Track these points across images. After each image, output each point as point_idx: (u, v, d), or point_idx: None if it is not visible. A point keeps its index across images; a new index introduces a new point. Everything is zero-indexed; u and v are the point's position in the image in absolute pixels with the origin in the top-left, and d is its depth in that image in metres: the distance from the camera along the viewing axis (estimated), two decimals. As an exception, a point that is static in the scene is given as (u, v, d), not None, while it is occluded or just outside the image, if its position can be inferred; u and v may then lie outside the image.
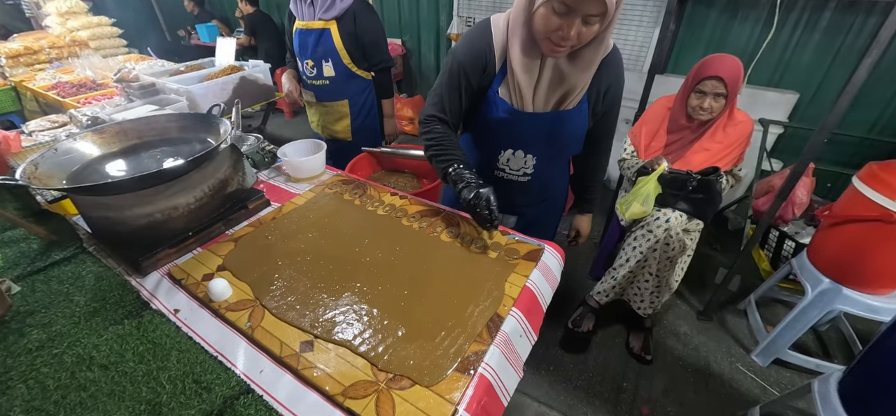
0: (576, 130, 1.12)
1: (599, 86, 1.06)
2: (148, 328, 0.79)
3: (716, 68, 1.51)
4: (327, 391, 0.68)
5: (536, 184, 1.22)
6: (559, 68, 0.99)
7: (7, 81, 3.16)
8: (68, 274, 0.94)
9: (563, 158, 1.26)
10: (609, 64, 1.04)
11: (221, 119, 1.08)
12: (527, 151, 1.15)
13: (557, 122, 1.08)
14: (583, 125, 1.12)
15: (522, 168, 1.18)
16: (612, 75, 1.06)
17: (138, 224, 0.93)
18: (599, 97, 1.08)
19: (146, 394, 0.68)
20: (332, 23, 1.67)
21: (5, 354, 0.76)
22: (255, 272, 0.92)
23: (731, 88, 1.50)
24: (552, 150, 1.16)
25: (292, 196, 1.22)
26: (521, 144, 1.14)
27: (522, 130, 1.10)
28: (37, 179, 0.89)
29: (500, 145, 1.16)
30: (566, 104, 1.05)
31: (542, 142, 1.13)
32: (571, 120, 1.08)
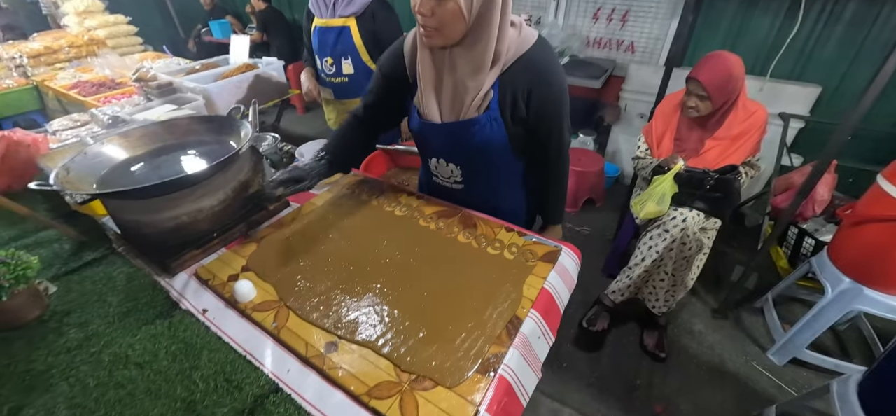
0: (490, 139, 1.00)
1: (516, 88, 0.94)
2: (179, 328, 0.82)
3: (697, 71, 1.54)
4: (353, 391, 0.70)
5: (474, 195, 1.16)
6: (452, 67, 0.93)
7: (29, 81, 3.24)
8: (100, 275, 0.97)
9: (494, 169, 1.12)
10: (527, 63, 0.93)
11: (242, 121, 1.10)
12: (448, 160, 1.12)
13: (463, 131, 1.00)
14: (497, 134, 1.00)
15: (452, 176, 1.15)
16: (532, 75, 0.94)
17: (166, 227, 0.96)
18: (516, 101, 0.96)
19: (181, 392, 0.71)
20: (351, 20, 1.69)
21: (46, 352, 0.79)
22: (278, 273, 0.94)
23: (711, 93, 1.51)
24: (474, 160, 1.09)
25: (311, 197, 1.25)
26: (442, 153, 1.12)
27: (433, 138, 1.09)
28: (69, 183, 0.92)
29: (426, 153, 1.18)
30: (467, 112, 0.97)
31: (459, 152, 1.08)
32: (479, 129, 0.98)
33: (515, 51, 0.92)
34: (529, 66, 0.93)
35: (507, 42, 0.91)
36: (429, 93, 0.99)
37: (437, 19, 0.84)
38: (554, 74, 0.96)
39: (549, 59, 0.95)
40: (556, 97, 0.98)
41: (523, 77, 0.94)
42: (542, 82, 0.95)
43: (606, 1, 2.76)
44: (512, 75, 0.94)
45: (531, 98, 0.96)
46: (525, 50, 0.92)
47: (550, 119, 1.01)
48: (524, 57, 0.93)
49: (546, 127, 1.02)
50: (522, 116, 0.99)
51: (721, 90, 1.51)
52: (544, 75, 0.94)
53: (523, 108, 0.97)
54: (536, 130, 1.02)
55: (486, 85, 0.93)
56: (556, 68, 0.96)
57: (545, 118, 1.00)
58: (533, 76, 0.94)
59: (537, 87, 0.95)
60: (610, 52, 3.01)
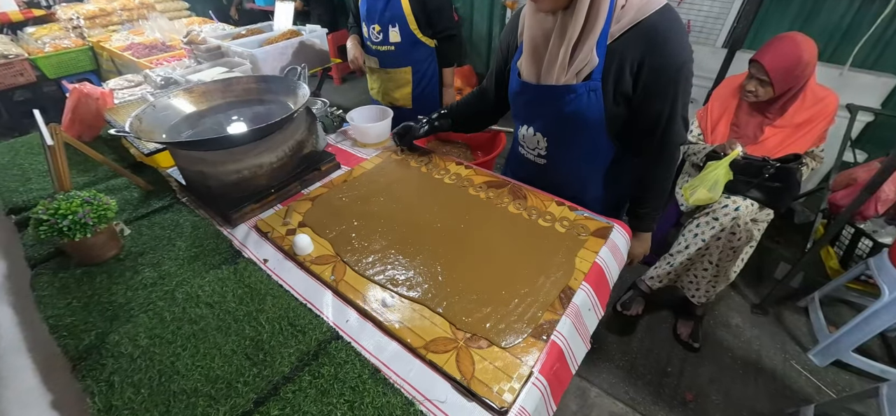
0: (584, 112, 0.93)
1: (625, 59, 0.86)
2: (243, 274, 0.87)
3: (761, 53, 1.46)
4: (409, 343, 0.73)
5: (556, 173, 1.11)
6: (561, 32, 0.87)
7: (85, 42, 3.39)
8: (168, 221, 1.03)
9: (581, 149, 1.04)
10: (644, 32, 0.83)
11: (300, 83, 1.13)
12: (537, 129, 1.07)
13: (556, 97, 0.94)
14: (593, 107, 0.92)
15: (536, 148, 1.11)
16: (646, 48, 0.84)
17: (229, 180, 1.00)
18: (624, 74, 0.87)
19: (249, 332, 0.75)
20: None
21: (125, 287, 0.85)
22: (333, 231, 0.97)
23: (774, 79, 1.43)
24: (561, 132, 1.03)
25: (360, 160, 1.27)
26: (531, 120, 1.08)
27: (527, 102, 1.05)
28: (142, 132, 0.97)
29: (517, 119, 1.16)
30: (565, 78, 0.91)
31: (549, 121, 1.04)
32: (574, 98, 0.92)
33: (633, 15, 0.83)
34: (645, 33, 0.83)
35: (622, 7, 0.84)
36: (530, 54, 0.97)
37: None
38: (673, 46, 0.84)
39: (671, 28, 0.83)
40: (671, 73, 0.86)
41: (636, 46, 0.84)
42: (657, 53, 0.84)
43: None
44: (623, 43, 0.85)
45: (642, 70, 0.86)
46: (645, 16, 0.82)
47: (660, 98, 0.88)
48: (642, 23, 0.83)
49: (654, 108, 0.90)
50: (627, 93, 0.90)
51: (786, 76, 1.42)
52: (660, 45, 0.83)
53: (630, 83, 0.88)
54: (641, 111, 0.91)
55: (585, 48, 0.86)
56: (677, 40, 0.84)
57: (654, 96, 0.88)
58: (647, 45, 0.83)
59: (650, 57, 0.84)
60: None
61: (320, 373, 0.68)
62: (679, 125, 0.94)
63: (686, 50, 0.87)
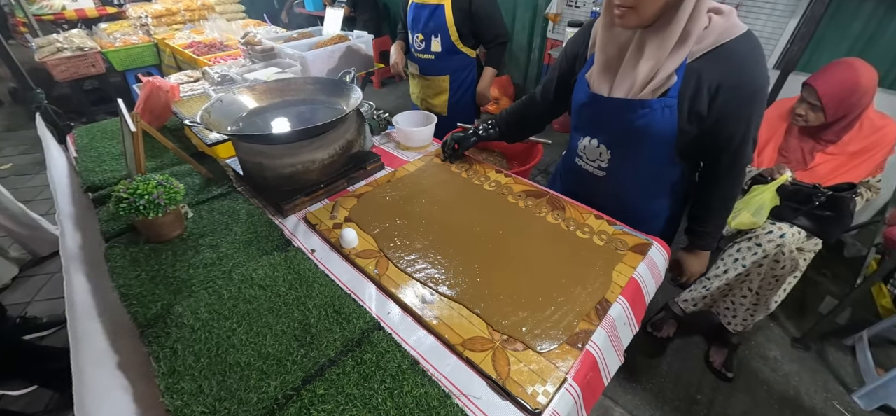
0: (656, 128, 0.94)
1: (702, 80, 0.87)
2: (293, 262, 0.93)
3: (815, 77, 1.41)
4: (447, 339, 0.76)
5: (615, 185, 1.10)
6: (640, 47, 0.89)
7: (151, 38, 3.66)
8: (225, 208, 1.11)
9: (646, 163, 1.04)
10: (724, 56, 0.84)
11: (353, 86, 1.19)
12: (601, 141, 1.07)
13: (629, 111, 0.95)
14: (666, 124, 0.93)
15: (597, 160, 1.10)
16: (725, 70, 0.85)
17: (284, 172, 1.07)
18: (701, 94, 0.88)
19: (297, 315, 0.80)
20: (447, 0, 1.73)
21: (187, 265, 0.93)
22: (377, 227, 1.02)
23: (826, 105, 1.38)
24: (628, 146, 1.03)
25: (403, 163, 1.32)
26: (595, 132, 1.08)
27: (595, 113, 1.05)
28: (211, 123, 1.06)
29: (579, 130, 1.14)
30: (640, 93, 0.92)
31: (616, 133, 1.03)
32: (648, 113, 0.92)
33: (715, 39, 0.84)
34: (726, 57, 0.84)
35: (703, 26, 0.84)
36: (603, 67, 0.98)
37: None
38: (752, 74, 0.86)
39: (751, 56, 0.85)
40: (746, 99, 0.88)
41: (715, 69, 0.85)
42: (735, 78, 0.85)
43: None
44: (703, 64, 0.86)
45: (719, 92, 0.87)
46: (726, 40, 0.84)
47: (734, 121, 0.90)
48: (723, 48, 0.84)
49: (727, 130, 0.91)
50: (701, 114, 0.90)
51: (840, 104, 1.37)
52: (739, 71, 0.85)
53: (706, 103, 0.89)
54: (716, 131, 0.92)
55: (667, 68, 0.87)
56: (756, 68, 0.86)
57: (728, 119, 0.90)
58: (726, 69, 0.85)
59: (728, 81, 0.85)
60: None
61: (363, 359, 0.72)
62: (750, 147, 0.95)
63: (764, 75, 0.88)
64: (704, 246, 1.12)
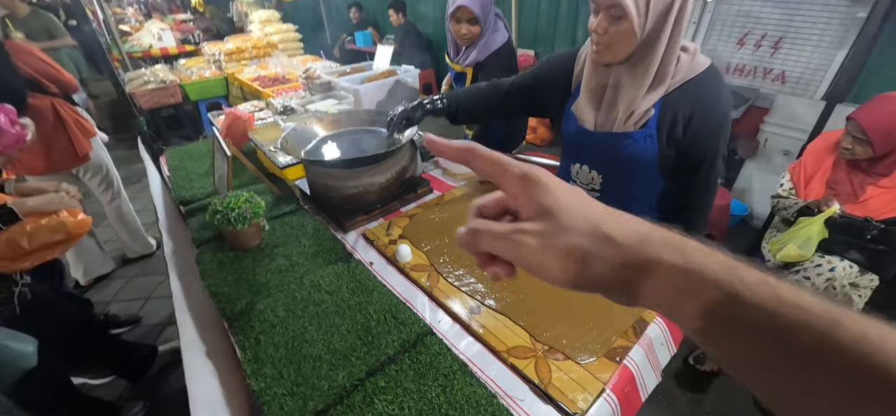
0: (640, 155, 1.04)
1: (677, 111, 0.97)
2: (355, 272, 1.05)
3: (860, 111, 1.41)
4: (493, 346, 0.84)
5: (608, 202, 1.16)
6: (618, 84, 1.00)
7: (222, 73, 4.09)
8: (295, 223, 1.26)
9: (634, 182, 1.13)
10: (694, 87, 0.96)
11: (410, 119, 1.33)
12: (592, 167, 1.17)
13: (615, 143, 1.05)
14: (648, 151, 1.03)
15: (590, 184, 1.20)
16: (696, 101, 0.96)
17: (346, 193, 1.21)
18: (677, 123, 0.98)
19: (360, 318, 0.91)
20: (468, 69, 1.84)
21: (265, 270, 1.07)
22: (428, 244, 1.13)
23: (873, 138, 1.37)
24: (617, 171, 1.13)
25: (450, 188, 1.43)
26: (585, 159, 1.18)
27: (584, 144, 1.14)
28: (288, 149, 1.22)
29: (571, 157, 1.23)
30: (622, 126, 1.02)
31: (604, 161, 1.13)
32: (631, 143, 1.03)
33: (684, 75, 0.96)
34: (695, 91, 0.96)
35: (676, 65, 0.96)
36: (588, 101, 1.08)
37: (609, 37, 0.93)
38: (718, 103, 0.97)
39: (716, 87, 0.97)
40: (714, 126, 0.99)
41: (687, 101, 0.96)
42: (705, 109, 0.96)
43: (756, 26, 2.56)
44: (676, 98, 0.97)
45: (691, 120, 0.97)
46: (694, 75, 0.95)
47: (705, 143, 1.01)
48: (692, 81, 0.96)
49: (699, 153, 1.02)
50: (678, 138, 1.01)
51: (887, 137, 1.35)
52: (708, 102, 0.96)
53: (681, 130, 0.99)
54: (690, 153, 1.03)
55: (645, 104, 0.98)
56: (721, 98, 0.98)
57: (699, 144, 1.00)
58: (696, 101, 0.96)
59: (699, 112, 0.96)
60: (753, 80, 2.77)
61: (418, 359, 0.81)
62: (720, 163, 1.05)
63: (728, 102, 1.00)
64: None
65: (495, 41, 1.69)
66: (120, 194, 2.53)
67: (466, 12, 1.61)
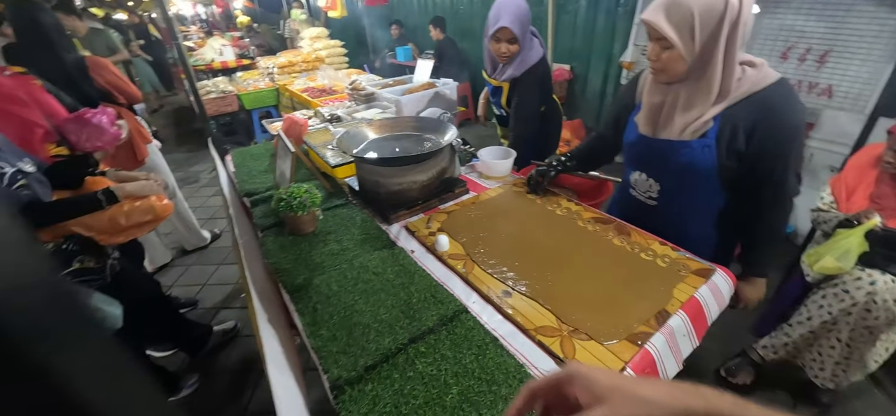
0: (697, 164, 1.07)
1: (739, 122, 1.01)
2: (398, 257, 1.16)
3: None
4: (522, 324, 0.92)
5: (665, 213, 1.24)
6: (677, 95, 1.07)
7: (274, 84, 4.42)
8: (344, 214, 1.40)
9: (692, 193, 1.17)
10: (758, 102, 0.99)
11: (450, 124, 1.45)
12: (649, 175, 1.22)
13: (671, 150, 1.11)
14: (706, 160, 1.06)
15: (647, 191, 1.25)
16: (760, 114, 0.99)
17: (393, 189, 1.34)
18: (738, 135, 1.01)
19: (403, 296, 1.02)
20: (505, 84, 1.93)
21: (319, 252, 1.21)
22: (464, 237, 1.23)
23: None
24: (674, 180, 1.17)
25: (484, 189, 1.53)
26: (644, 167, 1.24)
27: (643, 151, 1.21)
28: (343, 147, 1.37)
29: (630, 165, 1.30)
30: (680, 134, 1.08)
31: (662, 168, 1.18)
32: (689, 152, 1.07)
33: (748, 88, 1.00)
34: (760, 104, 0.99)
35: (738, 80, 1.01)
36: (649, 111, 1.16)
37: (661, 63, 1.03)
38: (785, 114, 0.99)
39: (784, 99, 0.99)
40: (783, 137, 1.00)
41: (750, 113, 1.00)
42: (769, 120, 0.99)
43: (800, 39, 2.51)
44: (738, 110, 1.01)
45: (754, 133, 1.01)
46: (760, 88, 0.99)
47: (772, 158, 1.03)
48: (757, 95, 0.99)
49: (767, 165, 1.04)
50: (739, 150, 1.03)
51: None
52: (773, 113, 0.99)
53: (743, 142, 1.02)
54: (756, 166, 1.05)
55: (704, 116, 1.03)
56: (790, 109, 1.00)
57: (766, 156, 1.02)
58: (761, 113, 0.99)
59: (763, 123, 0.99)
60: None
61: (454, 332, 0.91)
62: (792, 179, 1.06)
63: (799, 116, 1.02)
64: (757, 273, 1.21)
65: (531, 58, 1.79)
66: (175, 194, 2.78)
67: (507, 33, 1.70)
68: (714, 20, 0.94)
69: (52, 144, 1.45)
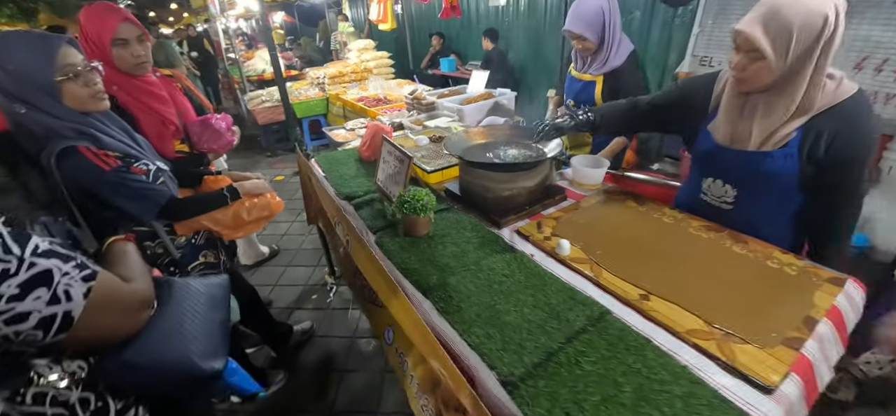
0: (779, 172, 1.12)
1: (820, 131, 1.05)
2: (522, 261, 1.20)
3: None
4: (671, 327, 0.94)
5: (742, 216, 1.26)
6: (757, 106, 1.10)
7: (324, 94, 4.56)
8: (451, 219, 1.44)
9: (771, 197, 1.21)
10: (839, 112, 1.03)
11: (553, 132, 1.49)
12: (725, 181, 1.26)
13: (753, 160, 1.14)
14: (789, 168, 1.10)
15: (722, 196, 1.28)
16: (841, 124, 1.03)
17: (503, 195, 1.38)
18: (819, 144, 1.06)
19: (541, 297, 1.05)
20: (599, 78, 1.98)
21: (442, 255, 1.24)
22: (580, 242, 1.26)
23: None
24: (753, 187, 1.21)
25: (581, 196, 1.56)
26: (720, 174, 1.27)
27: (720, 160, 1.24)
28: (454, 153, 1.42)
29: (703, 172, 1.33)
30: (762, 145, 1.11)
31: (741, 176, 1.21)
32: (771, 163, 1.11)
33: (829, 100, 1.04)
34: (840, 115, 1.04)
35: (821, 93, 1.04)
36: (727, 122, 1.19)
37: (747, 73, 1.06)
38: (863, 125, 1.06)
39: (862, 110, 1.05)
40: (860, 144, 1.07)
41: (830, 123, 1.04)
42: (850, 131, 1.04)
43: (876, 49, 2.46)
44: (820, 121, 1.05)
45: (834, 142, 1.05)
46: (840, 100, 1.04)
47: (849, 165, 1.09)
48: (837, 106, 1.04)
49: (842, 171, 1.10)
50: (819, 158, 1.08)
51: None
52: (852, 122, 1.04)
53: (823, 150, 1.06)
54: (831, 172, 1.10)
55: (786, 128, 1.08)
56: (866, 119, 1.06)
57: (843, 163, 1.08)
58: (841, 122, 1.04)
59: (842, 133, 1.04)
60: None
61: (606, 332, 0.94)
62: (862, 185, 1.14)
63: (873, 126, 1.08)
64: None
65: (622, 52, 1.93)
66: None
67: (571, 34, 1.91)
68: (811, 37, 0.97)
69: (177, 141, 1.55)
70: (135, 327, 0.77)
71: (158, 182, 1.28)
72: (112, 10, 1.36)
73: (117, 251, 0.92)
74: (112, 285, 0.74)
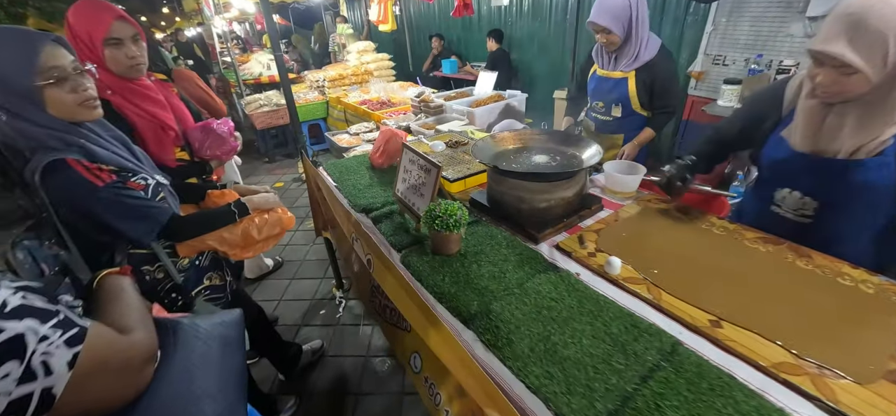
0: (873, 182, 1.02)
1: None
2: (569, 281, 1.08)
3: None
4: (755, 361, 0.83)
5: (821, 231, 1.15)
6: (847, 113, 1.01)
7: (324, 97, 4.41)
8: (482, 233, 1.32)
9: (857, 210, 1.10)
10: None
11: (587, 140, 1.38)
12: (804, 192, 1.15)
13: (842, 169, 1.05)
14: (883, 179, 1.00)
15: (800, 209, 1.17)
16: None
17: (539, 206, 1.26)
18: None
19: (599, 325, 0.93)
20: (631, 73, 1.90)
21: (478, 276, 1.12)
22: (630, 258, 1.14)
23: None
24: (838, 196, 1.09)
25: (618, 206, 1.45)
26: (797, 184, 1.16)
27: (798, 168, 1.14)
28: (484, 161, 1.30)
29: (776, 183, 1.22)
30: (852, 154, 1.02)
31: (824, 187, 1.11)
32: (864, 171, 1.02)
33: (887, 107, 0.95)
34: None
35: None
36: (808, 126, 1.08)
37: (837, 87, 0.97)
38: None
39: None
40: None
41: None
42: None
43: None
44: None
45: None
46: None
47: None
48: None
49: None
50: None
51: None
52: None
53: None
54: None
55: (882, 136, 0.98)
56: None
57: None
58: None
59: None
60: None
61: (683, 368, 0.82)
62: None
63: None
64: None
65: (653, 46, 1.87)
66: None
67: (595, 26, 1.84)
68: None
69: (177, 148, 1.42)
70: (136, 389, 0.62)
71: (158, 198, 1.15)
72: (104, 7, 1.22)
73: (111, 289, 0.77)
74: (106, 342, 0.59)
